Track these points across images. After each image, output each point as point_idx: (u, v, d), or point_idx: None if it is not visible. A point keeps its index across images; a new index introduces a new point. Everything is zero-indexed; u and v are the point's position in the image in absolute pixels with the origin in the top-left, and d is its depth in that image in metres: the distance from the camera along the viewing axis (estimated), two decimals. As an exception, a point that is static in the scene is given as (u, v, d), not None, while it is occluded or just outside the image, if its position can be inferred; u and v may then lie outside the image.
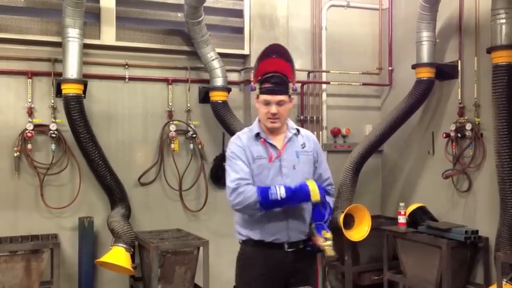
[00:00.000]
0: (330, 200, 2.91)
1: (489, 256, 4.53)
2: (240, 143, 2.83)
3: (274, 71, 2.72)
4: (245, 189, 2.67)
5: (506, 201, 4.15)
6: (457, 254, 4.43)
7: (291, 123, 2.93)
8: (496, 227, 4.28)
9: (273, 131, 2.83)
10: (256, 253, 2.83)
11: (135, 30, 5.02)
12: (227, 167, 2.81)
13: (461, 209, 4.83)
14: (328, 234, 2.74)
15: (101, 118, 4.90)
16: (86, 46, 4.68)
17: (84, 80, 4.59)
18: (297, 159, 2.82)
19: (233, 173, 2.74)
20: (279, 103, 2.73)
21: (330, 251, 2.70)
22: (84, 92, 4.60)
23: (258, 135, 2.83)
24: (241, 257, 2.97)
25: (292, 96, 2.80)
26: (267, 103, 2.74)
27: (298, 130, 2.91)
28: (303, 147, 2.86)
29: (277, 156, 2.79)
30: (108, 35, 4.90)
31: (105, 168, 4.64)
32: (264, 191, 2.66)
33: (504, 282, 3.88)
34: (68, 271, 4.69)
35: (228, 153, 2.85)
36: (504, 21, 4.17)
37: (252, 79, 2.82)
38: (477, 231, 4.48)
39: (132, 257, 4.50)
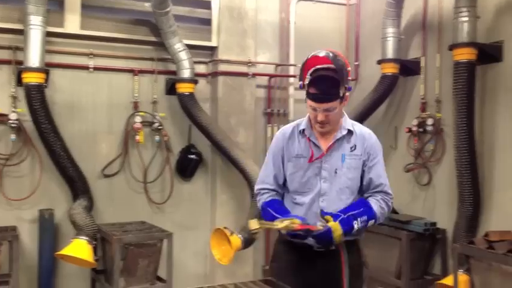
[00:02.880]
0: (378, 213, 2.57)
1: (447, 247, 4.66)
2: (281, 139, 2.66)
3: (326, 67, 2.40)
4: (259, 200, 2.72)
5: (464, 195, 4.27)
6: (416, 245, 4.55)
7: (346, 121, 2.62)
8: (453, 219, 4.41)
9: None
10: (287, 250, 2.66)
11: (100, 19, 4.94)
12: (265, 160, 2.75)
13: (421, 201, 4.95)
14: (331, 222, 2.44)
15: (63, 108, 4.81)
16: (49, 34, 4.57)
17: (46, 68, 4.49)
18: (341, 164, 2.56)
19: (261, 175, 2.76)
20: (327, 110, 2.45)
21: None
22: (47, 81, 4.51)
23: (303, 131, 2.61)
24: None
25: (346, 94, 2.48)
26: (314, 109, 2.48)
27: (351, 130, 2.60)
28: (352, 150, 2.59)
29: (319, 157, 2.56)
30: (73, 23, 4.80)
31: (67, 159, 4.56)
32: (266, 214, 2.60)
33: (460, 273, 4.00)
34: (27, 264, 4.59)
35: (270, 145, 2.76)
36: (466, 19, 4.27)
37: (299, 74, 2.53)
38: (435, 223, 4.61)
39: (95, 249, 4.45)
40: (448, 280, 4.16)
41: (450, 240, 4.51)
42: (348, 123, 2.63)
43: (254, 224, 2.46)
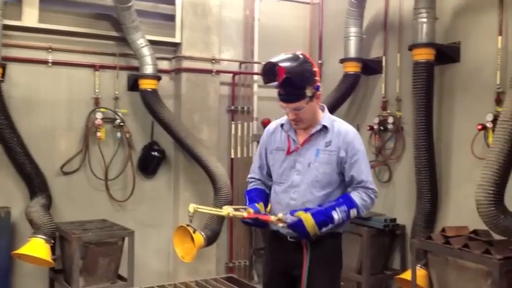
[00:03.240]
0: (359, 203, 2.65)
1: (405, 243, 4.77)
2: (266, 134, 2.89)
3: (290, 69, 2.54)
4: (248, 187, 2.94)
5: (422, 191, 4.38)
6: (377, 241, 4.64)
7: (325, 118, 2.73)
8: (413, 215, 4.51)
9: None
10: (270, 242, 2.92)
11: (59, 12, 4.82)
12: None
13: (382, 198, 5.03)
14: (302, 214, 2.56)
15: (21, 103, 4.67)
16: (5, 27, 4.46)
17: (2, 62, 4.38)
18: (315, 158, 2.68)
19: (252, 166, 2.99)
20: (296, 109, 2.60)
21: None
22: (3, 75, 4.38)
23: (283, 126, 2.81)
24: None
25: (318, 93, 2.62)
26: (284, 108, 2.64)
27: (326, 126, 2.70)
28: (326, 146, 2.69)
29: (294, 151, 2.72)
30: (31, 16, 4.68)
31: (24, 156, 4.45)
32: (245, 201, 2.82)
33: (418, 268, 4.10)
34: (-18, 264, 4.44)
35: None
36: (425, 20, 4.37)
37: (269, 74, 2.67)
38: (395, 220, 4.71)
39: (53, 248, 4.33)
40: (407, 275, 4.26)
41: (409, 236, 4.61)
42: (326, 119, 2.73)
43: (191, 208, 2.61)
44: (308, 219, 2.54)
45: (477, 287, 3.59)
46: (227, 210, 2.61)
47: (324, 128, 2.71)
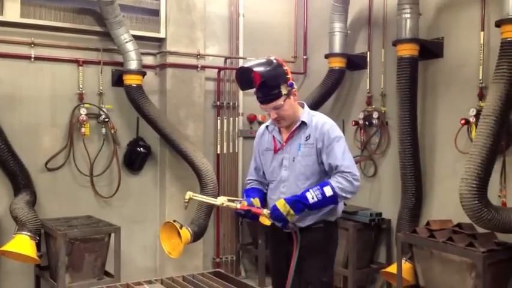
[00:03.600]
0: (333, 184, 2.73)
1: (391, 237, 4.83)
2: (257, 137, 3.11)
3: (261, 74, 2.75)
4: (246, 188, 3.13)
5: (407, 185, 4.44)
6: (363, 235, 4.69)
7: (304, 114, 2.89)
8: (397, 209, 4.57)
9: None
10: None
11: (42, 6, 4.75)
12: None
13: (368, 193, 5.09)
14: (277, 202, 2.75)
15: (3, 99, 4.60)
16: (-14, 22, 4.39)
17: (-16, 58, 4.29)
18: (297, 152, 2.87)
19: (249, 168, 3.18)
20: (275, 108, 2.78)
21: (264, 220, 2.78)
22: (-16, 71, 4.31)
23: (268, 127, 3.03)
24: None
25: (293, 90, 2.82)
26: (265, 110, 2.84)
27: (305, 122, 2.86)
28: (306, 140, 2.86)
29: (280, 149, 2.92)
30: (12, 11, 4.60)
31: (8, 153, 4.39)
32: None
33: (403, 261, 4.15)
34: (-35, 262, 4.39)
35: None
36: (409, 16, 4.41)
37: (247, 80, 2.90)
38: (381, 214, 4.76)
39: (38, 245, 4.29)
40: (392, 268, 4.31)
41: (394, 230, 4.66)
42: (305, 115, 2.89)
43: (187, 195, 2.84)
44: (280, 201, 2.73)
45: (461, 280, 3.66)
46: (221, 200, 2.77)
47: (303, 124, 2.87)
